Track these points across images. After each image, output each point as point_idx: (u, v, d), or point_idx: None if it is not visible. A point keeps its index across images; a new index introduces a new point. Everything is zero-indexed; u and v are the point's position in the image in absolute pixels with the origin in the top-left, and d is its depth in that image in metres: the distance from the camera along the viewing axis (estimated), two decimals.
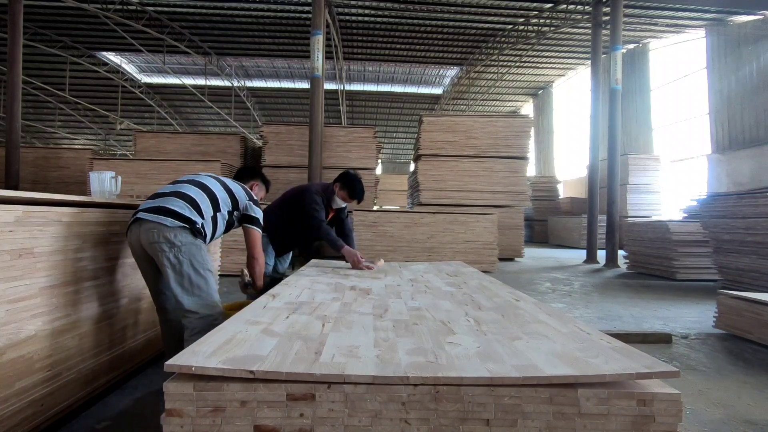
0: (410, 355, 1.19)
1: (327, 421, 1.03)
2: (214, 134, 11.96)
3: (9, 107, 8.26)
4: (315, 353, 1.17)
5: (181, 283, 1.94)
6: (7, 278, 1.54)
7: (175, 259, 1.92)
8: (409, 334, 1.40)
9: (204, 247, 2.03)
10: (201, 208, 2.05)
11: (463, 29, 13.59)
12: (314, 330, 1.41)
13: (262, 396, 1.03)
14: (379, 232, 7.13)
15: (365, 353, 1.19)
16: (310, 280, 2.46)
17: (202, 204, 2.07)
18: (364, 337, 1.36)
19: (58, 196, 1.84)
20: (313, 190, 3.08)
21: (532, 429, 1.05)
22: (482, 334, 1.43)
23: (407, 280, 2.60)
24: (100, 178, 4.64)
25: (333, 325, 1.48)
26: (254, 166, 2.77)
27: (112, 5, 11.76)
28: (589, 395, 1.05)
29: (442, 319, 1.62)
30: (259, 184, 2.69)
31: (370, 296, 2.04)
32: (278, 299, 1.87)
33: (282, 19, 13.13)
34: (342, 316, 1.61)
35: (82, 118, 21.07)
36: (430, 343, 1.30)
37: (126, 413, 1.98)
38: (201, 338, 1.26)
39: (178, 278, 1.94)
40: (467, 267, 3.33)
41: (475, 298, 2.05)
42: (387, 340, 1.33)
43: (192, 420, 1.02)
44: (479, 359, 1.17)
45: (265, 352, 1.16)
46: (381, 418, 1.04)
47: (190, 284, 1.94)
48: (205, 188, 2.15)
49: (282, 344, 1.24)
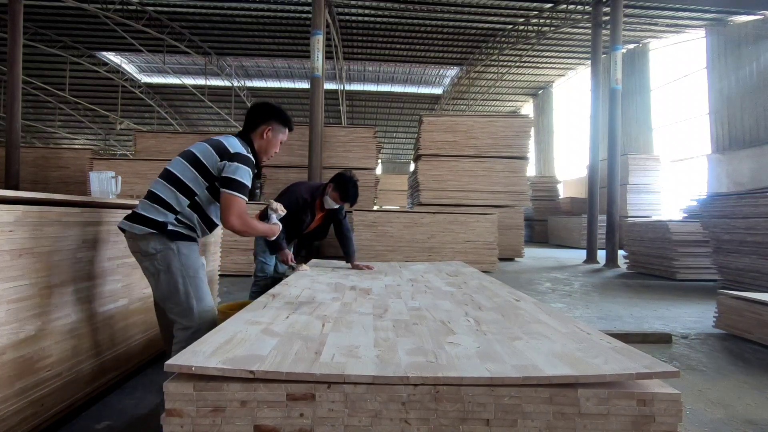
0: (410, 355, 1.19)
1: (327, 421, 1.03)
2: (213, 134, 11.96)
3: (9, 107, 8.26)
4: (315, 353, 1.17)
5: (162, 293, 1.77)
6: (7, 278, 1.54)
7: (153, 267, 1.74)
8: (409, 334, 1.40)
9: (186, 248, 1.77)
10: (169, 202, 1.76)
11: (463, 29, 13.59)
12: (314, 330, 1.41)
13: (262, 396, 1.03)
14: (379, 232, 7.13)
15: (365, 353, 1.19)
16: (310, 279, 2.46)
17: (169, 197, 1.76)
18: (364, 337, 1.36)
19: (58, 196, 1.84)
20: (297, 190, 2.99)
21: (532, 429, 1.05)
22: (482, 334, 1.43)
23: (407, 280, 2.61)
24: (100, 178, 4.65)
25: (333, 325, 1.48)
26: (265, 104, 2.00)
27: (112, 5, 11.76)
28: (589, 395, 1.05)
29: (442, 318, 1.62)
30: (274, 126, 1.98)
31: (370, 296, 2.05)
32: (278, 299, 1.87)
33: (282, 19, 13.12)
34: (342, 316, 1.61)
35: (82, 118, 21.07)
36: (430, 344, 1.30)
37: (126, 413, 1.98)
38: (202, 338, 1.26)
39: (158, 288, 1.78)
40: (467, 267, 3.33)
41: (475, 298, 2.05)
42: (387, 340, 1.33)
43: (192, 420, 1.02)
44: (479, 359, 1.17)
45: (265, 352, 1.16)
46: (381, 418, 1.04)
47: (170, 293, 1.75)
48: (168, 176, 1.80)
49: (282, 344, 1.24)
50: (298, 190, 2.98)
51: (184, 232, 1.78)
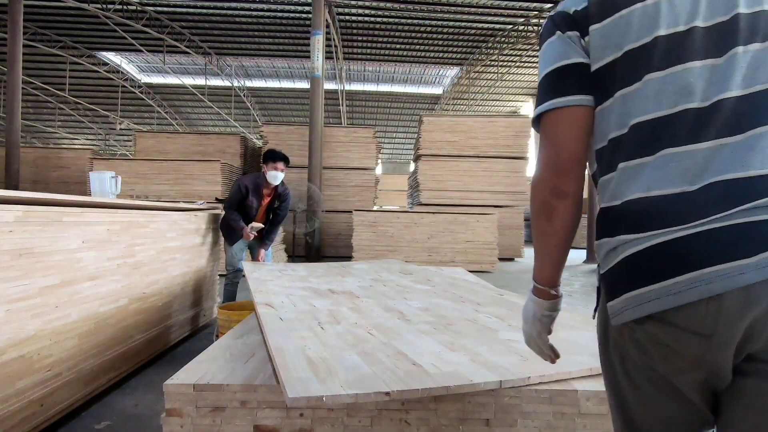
0: (499, 355, 1.19)
1: (327, 421, 1.03)
2: (213, 134, 11.95)
3: (9, 107, 8.26)
4: (412, 364, 1.12)
5: None
6: (7, 278, 1.54)
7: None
8: (458, 336, 1.37)
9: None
10: None
11: (463, 29, 13.58)
12: (371, 340, 1.32)
13: (262, 396, 1.03)
14: (379, 232, 7.13)
15: (453, 359, 1.15)
16: (280, 286, 2.24)
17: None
18: (427, 341, 1.31)
19: (58, 196, 1.84)
20: (240, 181, 3.43)
21: (532, 429, 1.05)
22: (492, 331, 1.42)
23: (370, 279, 2.50)
24: (100, 178, 4.64)
25: (381, 333, 1.39)
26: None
27: (112, 5, 11.75)
28: (589, 395, 1.05)
29: (461, 318, 1.61)
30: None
31: (361, 299, 1.96)
32: (280, 309, 1.70)
33: (282, 19, 13.12)
34: (375, 323, 1.53)
35: (82, 118, 21.06)
36: (483, 343, 1.29)
37: (126, 413, 1.98)
38: (282, 362, 1.09)
39: None
40: (468, 275, 3.18)
41: (466, 296, 2.04)
42: (453, 344, 1.31)
43: (192, 420, 1.02)
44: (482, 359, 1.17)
45: (368, 370, 1.05)
46: (381, 418, 1.04)
47: None
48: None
49: (366, 357, 1.14)
50: (241, 180, 3.44)
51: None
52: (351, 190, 9.42)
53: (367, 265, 3.23)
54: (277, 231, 3.71)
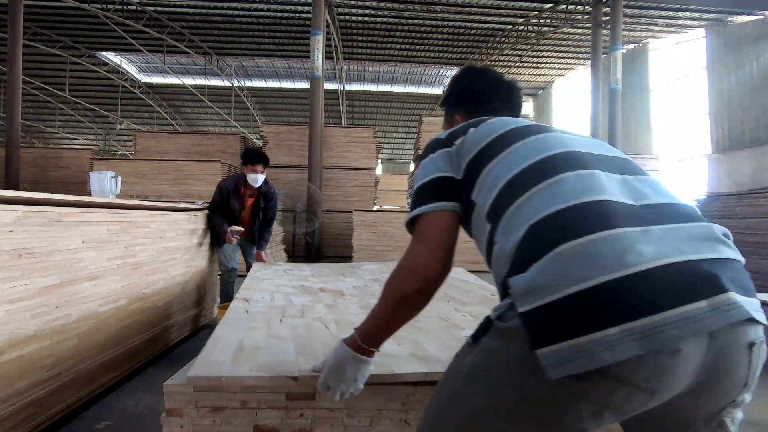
0: (413, 352, 1.19)
1: (327, 421, 1.03)
2: (213, 134, 11.98)
3: (9, 107, 8.26)
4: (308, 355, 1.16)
5: None
6: (7, 278, 1.54)
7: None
8: (416, 332, 1.39)
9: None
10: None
11: (463, 29, 13.59)
12: (323, 333, 1.36)
13: (262, 396, 1.03)
14: (379, 232, 7.13)
15: (395, 350, 1.17)
16: (271, 283, 2.26)
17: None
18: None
19: (58, 196, 1.84)
20: (222, 183, 3.39)
21: None
22: None
23: (370, 280, 2.48)
24: (100, 178, 4.65)
25: (337, 327, 1.43)
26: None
27: (112, 5, 11.75)
28: None
29: (439, 316, 1.61)
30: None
31: (347, 297, 1.94)
32: (254, 303, 1.73)
33: (282, 19, 13.12)
34: (338, 318, 1.58)
35: (82, 118, 21.06)
36: (444, 339, 1.30)
37: (126, 413, 1.98)
38: (208, 346, 1.17)
39: None
40: (468, 275, 3.17)
41: (455, 295, 2.01)
42: (405, 338, 1.31)
43: (192, 420, 1.02)
44: None
45: (292, 357, 1.10)
46: (381, 418, 1.04)
47: None
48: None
49: (302, 347, 1.18)
50: (222, 183, 3.39)
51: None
52: (351, 190, 9.42)
53: (376, 266, 3.18)
54: (270, 231, 3.63)
